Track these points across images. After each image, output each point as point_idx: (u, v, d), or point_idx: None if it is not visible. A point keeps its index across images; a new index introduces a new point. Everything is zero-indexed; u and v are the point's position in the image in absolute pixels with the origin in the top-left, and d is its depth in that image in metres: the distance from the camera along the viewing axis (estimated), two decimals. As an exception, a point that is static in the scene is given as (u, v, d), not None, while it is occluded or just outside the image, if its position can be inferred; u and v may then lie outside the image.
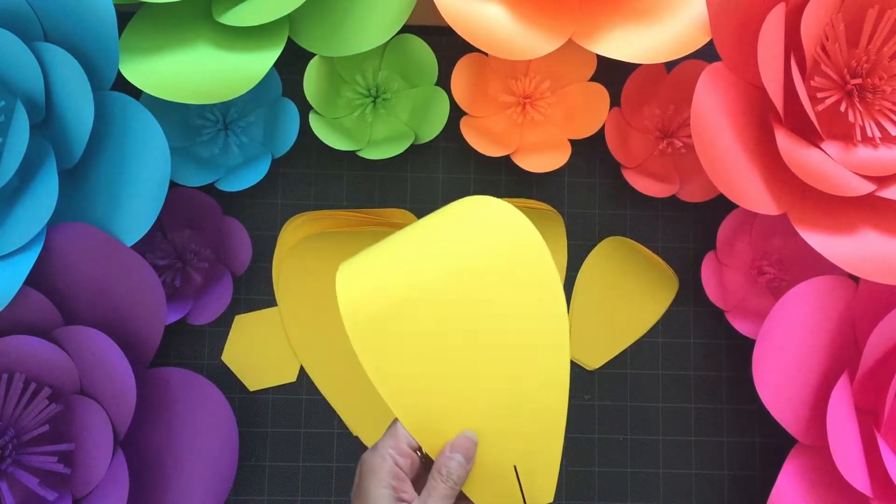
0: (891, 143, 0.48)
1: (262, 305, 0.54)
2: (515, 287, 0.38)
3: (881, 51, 0.48)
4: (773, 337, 0.48)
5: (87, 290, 0.47)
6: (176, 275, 0.53)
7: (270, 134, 0.54)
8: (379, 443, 0.38)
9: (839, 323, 0.49)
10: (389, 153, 0.52)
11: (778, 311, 0.48)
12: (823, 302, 0.49)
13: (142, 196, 0.47)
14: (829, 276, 0.49)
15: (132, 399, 0.45)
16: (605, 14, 0.51)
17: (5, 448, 0.44)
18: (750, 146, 0.48)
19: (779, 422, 0.47)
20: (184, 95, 0.47)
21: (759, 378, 0.48)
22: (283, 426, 0.54)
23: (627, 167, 0.54)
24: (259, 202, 0.55)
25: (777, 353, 0.48)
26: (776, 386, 0.48)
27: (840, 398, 0.46)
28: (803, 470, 0.48)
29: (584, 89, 0.54)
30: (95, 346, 0.45)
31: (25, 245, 0.45)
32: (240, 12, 0.49)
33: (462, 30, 0.48)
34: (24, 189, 0.47)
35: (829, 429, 0.45)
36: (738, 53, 0.47)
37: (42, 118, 0.47)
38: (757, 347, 0.48)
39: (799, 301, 0.48)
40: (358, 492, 0.38)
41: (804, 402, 0.48)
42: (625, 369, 0.55)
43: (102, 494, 0.44)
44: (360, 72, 0.55)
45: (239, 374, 0.54)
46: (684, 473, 0.54)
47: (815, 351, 0.49)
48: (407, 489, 0.38)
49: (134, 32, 0.50)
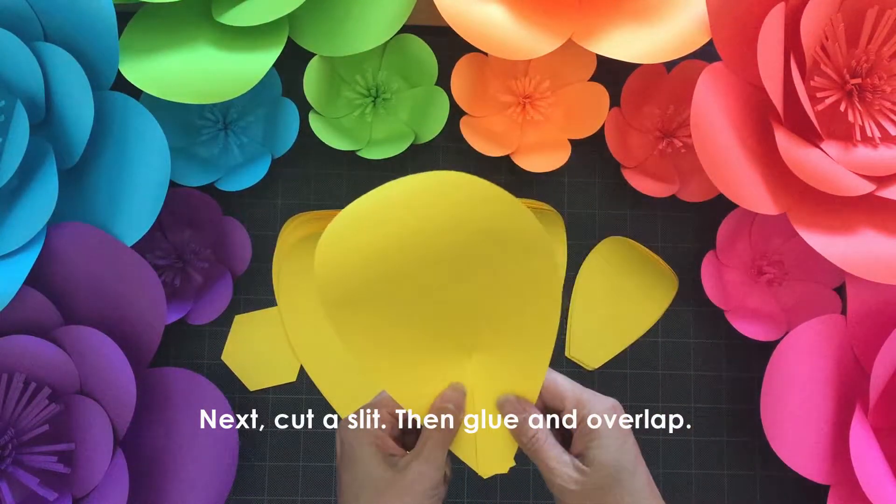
0: (890, 143, 0.48)
1: (262, 305, 0.54)
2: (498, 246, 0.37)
3: (881, 50, 0.48)
4: (778, 393, 0.48)
5: (87, 290, 0.47)
6: (176, 275, 0.53)
7: (270, 134, 0.54)
8: (359, 409, 0.39)
9: (837, 360, 0.49)
10: (389, 153, 0.52)
11: (775, 366, 0.48)
12: (817, 345, 0.49)
13: (142, 196, 0.47)
14: (815, 319, 0.49)
15: (132, 399, 0.45)
16: (605, 14, 0.51)
17: (5, 448, 0.44)
18: (750, 146, 0.48)
19: (803, 475, 0.47)
20: (184, 95, 0.47)
21: (773, 438, 0.47)
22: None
23: (627, 167, 0.54)
24: (259, 202, 0.55)
25: (785, 408, 0.48)
26: (793, 441, 0.48)
27: (859, 432, 0.46)
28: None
29: (584, 89, 0.54)
30: (95, 346, 0.45)
31: (25, 245, 0.45)
32: (240, 12, 0.49)
33: (462, 30, 0.48)
34: (24, 189, 0.47)
35: (856, 466, 0.45)
36: (738, 53, 0.47)
37: (42, 118, 0.47)
38: (763, 408, 0.48)
39: (793, 351, 0.48)
40: (343, 458, 0.38)
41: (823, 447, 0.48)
42: (625, 369, 0.55)
43: (102, 494, 0.44)
44: (360, 72, 0.55)
45: (239, 374, 0.54)
46: (684, 473, 0.54)
47: (821, 393, 0.49)
48: (392, 446, 0.38)
49: (134, 32, 0.50)
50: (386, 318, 0.37)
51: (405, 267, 0.37)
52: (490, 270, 0.37)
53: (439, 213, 0.36)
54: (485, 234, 0.36)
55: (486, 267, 0.37)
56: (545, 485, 0.38)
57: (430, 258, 0.37)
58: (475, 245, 0.37)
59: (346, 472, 0.38)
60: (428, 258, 0.37)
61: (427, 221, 0.36)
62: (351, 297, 0.37)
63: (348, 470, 0.38)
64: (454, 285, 0.37)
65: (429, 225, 0.36)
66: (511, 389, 0.39)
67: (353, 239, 0.36)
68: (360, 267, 0.37)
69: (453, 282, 0.37)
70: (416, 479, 0.36)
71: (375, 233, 0.36)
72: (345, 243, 0.36)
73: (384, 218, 0.36)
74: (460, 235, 0.36)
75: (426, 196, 0.36)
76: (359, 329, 0.37)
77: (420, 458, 0.37)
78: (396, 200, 0.36)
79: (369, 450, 0.37)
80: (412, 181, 0.36)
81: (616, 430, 0.37)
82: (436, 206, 0.36)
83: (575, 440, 0.38)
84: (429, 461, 0.37)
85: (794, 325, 0.49)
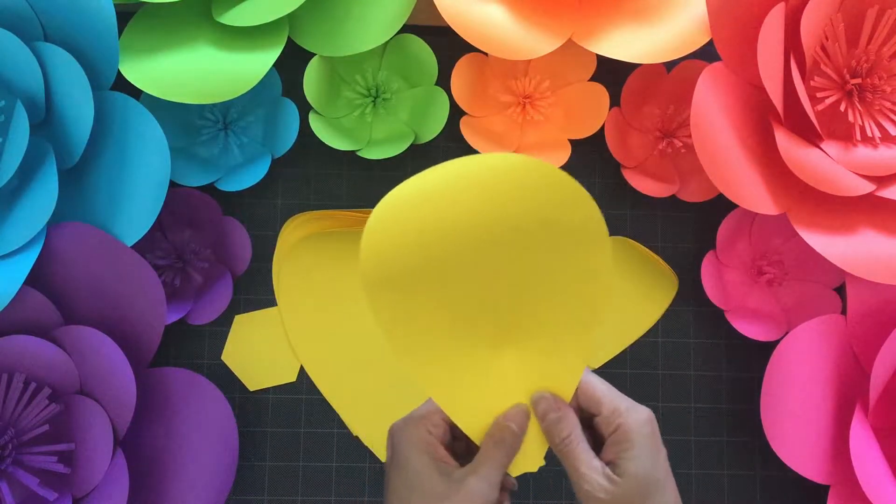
0: (890, 143, 0.48)
1: (262, 305, 0.54)
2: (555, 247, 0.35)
3: (881, 50, 0.48)
4: (778, 393, 0.48)
5: (87, 290, 0.47)
6: (176, 275, 0.53)
7: (270, 134, 0.54)
8: (411, 413, 0.38)
9: (837, 360, 0.49)
10: (389, 153, 0.52)
11: (775, 366, 0.48)
12: (817, 345, 0.49)
13: (142, 196, 0.47)
14: (815, 319, 0.49)
15: (132, 399, 0.45)
16: (605, 14, 0.51)
17: (5, 448, 0.44)
18: (750, 146, 0.48)
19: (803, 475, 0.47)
20: (184, 95, 0.47)
21: (773, 438, 0.47)
22: (283, 426, 0.54)
23: (627, 167, 0.54)
24: (259, 202, 0.55)
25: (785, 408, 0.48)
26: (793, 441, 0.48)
27: (859, 432, 0.46)
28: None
29: (584, 89, 0.54)
30: (95, 346, 0.45)
31: (25, 245, 0.46)
32: (240, 12, 0.49)
33: (462, 30, 0.48)
34: (24, 189, 0.47)
35: (856, 466, 0.45)
36: (738, 53, 0.47)
37: (42, 118, 0.47)
38: (763, 408, 0.48)
39: (793, 351, 0.48)
40: (395, 462, 0.37)
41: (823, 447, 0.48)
42: (625, 369, 0.55)
43: (102, 494, 0.44)
44: (360, 72, 0.55)
45: (239, 374, 0.54)
46: (684, 473, 0.54)
47: (821, 393, 0.49)
48: (444, 455, 0.37)
49: (134, 32, 0.50)
50: (426, 303, 0.36)
51: (454, 251, 0.35)
52: (542, 261, 0.36)
53: (497, 197, 0.34)
54: (544, 222, 0.35)
55: (538, 257, 0.35)
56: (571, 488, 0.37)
57: (482, 243, 0.35)
58: (531, 233, 0.35)
59: (396, 476, 0.37)
60: (479, 243, 0.35)
61: (483, 204, 0.34)
62: (394, 280, 0.35)
63: (399, 474, 0.37)
64: (501, 274, 0.36)
65: (485, 208, 0.34)
66: (547, 387, 0.38)
67: (403, 218, 0.34)
68: (408, 248, 0.35)
69: (501, 270, 0.36)
70: (471, 495, 0.35)
71: (427, 213, 0.34)
72: (394, 223, 0.34)
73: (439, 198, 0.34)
74: (517, 222, 0.35)
75: (486, 178, 0.34)
76: (397, 314, 0.36)
77: (478, 476, 0.36)
78: (454, 181, 0.34)
79: (422, 457, 0.36)
80: (472, 162, 0.34)
81: (651, 443, 0.36)
82: (494, 189, 0.34)
83: (607, 447, 0.37)
84: (486, 479, 0.36)
85: (794, 325, 0.49)
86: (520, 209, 0.35)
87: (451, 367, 0.37)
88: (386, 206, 0.34)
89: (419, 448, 0.36)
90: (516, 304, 0.37)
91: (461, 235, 0.35)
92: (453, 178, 0.35)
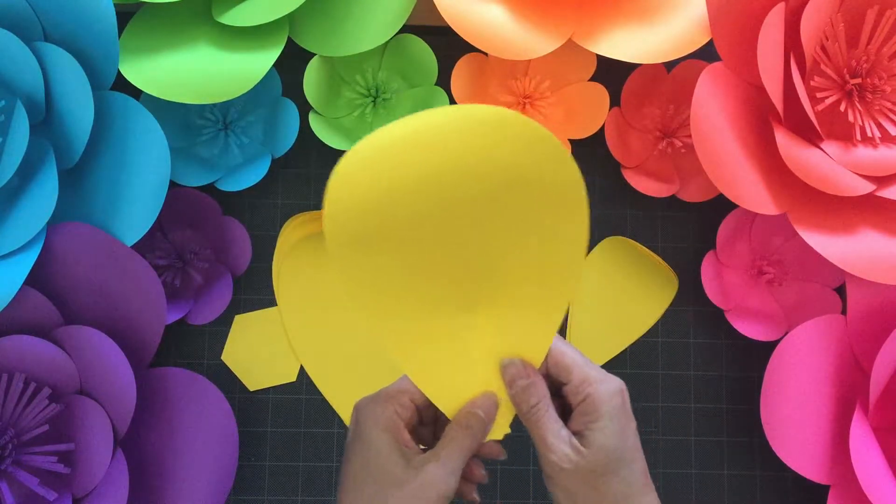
0: (890, 143, 0.48)
1: (262, 305, 0.54)
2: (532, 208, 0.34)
3: (881, 51, 0.48)
4: (778, 393, 0.48)
5: (87, 290, 0.47)
6: (176, 275, 0.53)
7: (270, 134, 0.54)
8: (380, 391, 0.37)
9: (837, 360, 0.49)
10: (389, 153, 0.52)
11: (775, 366, 0.48)
12: (817, 345, 0.49)
13: (142, 196, 0.47)
14: (815, 319, 0.48)
15: (132, 399, 0.45)
16: (605, 14, 0.51)
17: (5, 448, 0.44)
18: (750, 146, 0.48)
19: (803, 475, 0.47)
20: (184, 95, 0.47)
21: (773, 438, 0.47)
22: (283, 426, 0.54)
23: (627, 167, 0.54)
24: (259, 202, 0.55)
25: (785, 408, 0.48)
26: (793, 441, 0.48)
27: (859, 432, 0.46)
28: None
29: (584, 89, 0.54)
30: (95, 346, 0.45)
31: (25, 245, 0.46)
32: (240, 12, 0.49)
33: (462, 30, 0.48)
34: (24, 189, 0.47)
35: (856, 466, 0.44)
36: (738, 53, 0.47)
37: (42, 118, 0.47)
38: (763, 408, 0.48)
39: (793, 351, 0.48)
40: (356, 439, 0.36)
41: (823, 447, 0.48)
42: (625, 369, 0.55)
43: (102, 494, 0.44)
44: (360, 72, 0.55)
45: (239, 373, 0.54)
46: (684, 473, 0.54)
47: (821, 393, 0.49)
48: (407, 438, 0.36)
49: (134, 32, 0.50)
50: (394, 263, 0.34)
51: (425, 208, 0.33)
52: (516, 221, 0.34)
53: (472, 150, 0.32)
54: (520, 180, 0.33)
55: (513, 216, 0.34)
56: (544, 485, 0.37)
57: (454, 200, 0.33)
58: (508, 190, 0.33)
59: (354, 454, 0.36)
60: (451, 200, 0.33)
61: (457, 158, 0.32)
62: (362, 238, 0.33)
63: (359, 454, 0.35)
64: (473, 233, 0.34)
65: (459, 162, 0.32)
66: (516, 352, 0.36)
67: (371, 172, 0.32)
68: (376, 204, 0.33)
69: (473, 229, 0.34)
70: (429, 483, 0.34)
71: (396, 166, 0.32)
72: (361, 177, 0.32)
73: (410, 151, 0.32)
74: (493, 178, 0.33)
75: (461, 129, 0.32)
76: (364, 274, 0.34)
77: (438, 461, 0.34)
78: (425, 132, 0.32)
79: (385, 437, 0.35)
80: (446, 112, 0.32)
81: (619, 414, 0.35)
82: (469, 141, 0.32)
83: (574, 417, 0.36)
84: (446, 466, 0.34)
85: (794, 325, 0.49)
86: (495, 165, 0.32)
87: (421, 330, 0.35)
88: (352, 159, 0.32)
89: (383, 427, 0.35)
90: (488, 266, 0.35)
91: (432, 191, 0.33)
92: (424, 128, 0.32)
